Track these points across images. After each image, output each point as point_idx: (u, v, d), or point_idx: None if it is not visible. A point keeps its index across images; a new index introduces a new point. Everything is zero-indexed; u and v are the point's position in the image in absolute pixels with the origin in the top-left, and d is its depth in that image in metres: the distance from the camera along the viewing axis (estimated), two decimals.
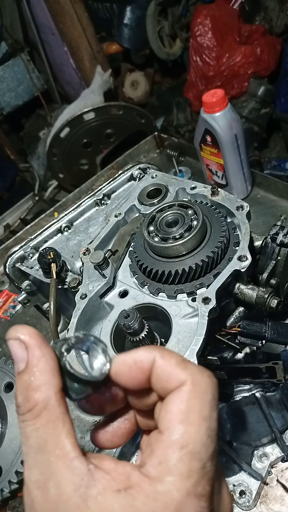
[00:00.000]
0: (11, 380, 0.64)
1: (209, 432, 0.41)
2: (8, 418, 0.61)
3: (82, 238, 1.15)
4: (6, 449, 0.58)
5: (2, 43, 3.60)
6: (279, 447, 1.05)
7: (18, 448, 0.58)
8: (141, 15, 3.44)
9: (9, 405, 0.62)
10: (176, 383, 0.43)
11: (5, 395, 0.63)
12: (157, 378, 0.45)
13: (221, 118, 1.47)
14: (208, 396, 0.43)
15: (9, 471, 0.57)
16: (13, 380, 0.64)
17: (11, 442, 0.59)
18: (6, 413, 0.62)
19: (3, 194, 3.77)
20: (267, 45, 2.94)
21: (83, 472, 0.39)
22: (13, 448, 0.58)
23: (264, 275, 0.98)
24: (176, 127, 3.48)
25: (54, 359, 0.43)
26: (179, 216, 0.97)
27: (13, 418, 0.61)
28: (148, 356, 0.45)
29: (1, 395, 0.63)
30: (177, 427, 0.40)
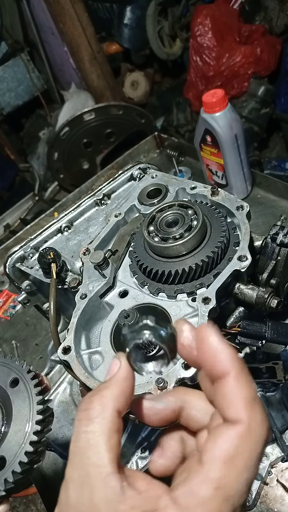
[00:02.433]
0: (17, 376, 0.65)
1: (248, 482, 0.41)
2: (13, 411, 0.63)
3: (82, 238, 1.15)
4: (11, 441, 0.60)
5: (2, 43, 3.60)
6: (279, 447, 1.05)
7: (22, 439, 0.60)
8: (141, 15, 3.44)
9: (14, 399, 0.63)
10: (233, 417, 0.42)
11: (11, 390, 0.65)
12: (221, 395, 0.44)
13: (221, 118, 1.47)
14: (259, 447, 0.42)
15: (13, 462, 0.58)
16: (19, 376, 0.66)
17: (16, 434, 0.60)
18: (12, 407, 0.63)
19: (3, 194, 3.77)
20: (267, 45, 2.94)
21: (116, 488, 0.41)
22: (17, 440, 0.60)
23: (264, 275, 0.98)
24: (176, 127, 3.48)
25: (131, 387, 0.48)
26: (179, 216, 0.97)
27: (17, 411, 0.62)
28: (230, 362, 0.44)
29: (7, 390, 0.65)
30: (220, 466, 0.40)
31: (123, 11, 3.51)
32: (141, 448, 0.95)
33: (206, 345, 0.45)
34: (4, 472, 0.58)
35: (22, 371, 0.66)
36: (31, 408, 0.63)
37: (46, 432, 0.64)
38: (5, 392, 0.65)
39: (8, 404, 0.64)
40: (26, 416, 0.62)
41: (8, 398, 0.64)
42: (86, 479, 0.42)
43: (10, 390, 0.65)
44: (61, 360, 0.88)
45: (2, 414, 0.64)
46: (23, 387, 0.65)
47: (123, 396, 0.47)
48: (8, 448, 0.60)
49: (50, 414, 0.66)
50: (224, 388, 0.43)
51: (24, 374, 0.66)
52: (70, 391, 1.20)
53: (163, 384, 0.75)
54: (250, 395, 0.43)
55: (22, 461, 0.58)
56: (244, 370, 0.45)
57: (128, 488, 0.42)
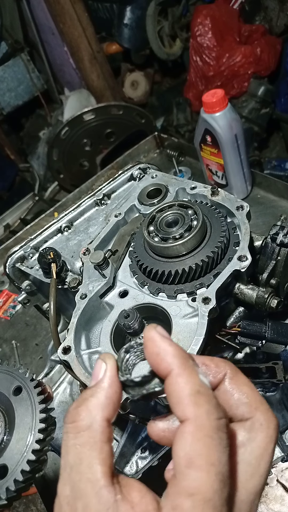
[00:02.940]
0: (20, 384, 0.65)
1: (220, 477, 0.39)
2: (16, 420, 0.62)
3: (82, 238, 1.15)
4: (13, 450, 0.60)
5: (2, 43, 3.60)
6: (279, 447, 1.05)
7: (24, 448, 0.59)
8: (141, 15, 3.44)
9: (17, 407, 0.63)
10: (181, 416, 0.41)
11: (14, 398, 0.65)
12: (169, 396, 0.43)
13: (221, 118, 1.47)
14: (216, 438, 0.40)
15: (15, 471, 0.58)
16: (22, 384, 0.66)
17: (18, 442, 0.60)
18: (14, 415, 0.63)
19: (3, 194, 3.77)
20: (267, 45, 2.94)
21: (109, 502, 0.40)
22: (19, 448, 0.60)
23: (264, 275, 0.98)
24: (176, 127, 3.48)
25: (119, 393, 0.45)
26: (179, 216, 0.97)
27: (20, 419, 0.62)
28: (171, 359, 0.43)
29: (10, 398, 0.65)
30: (185, 472, 0.39)
31: (123, 11, 3.51)
32: (141, 448, 0.95)
33: (151, 346, 0.45)
34: (6, 480, 0.57)
35: (25, 379, 0.66)
36: (33, 416, 0.62)
37: (48, 441, 0.64)
38: (8, 400, 0.65)
39: (11, 412, 0.64)
40: (29, 425, 0.62)
41: (11, 406, 0.64)
42: (78, 494, 0.41)
43: (13, 398, 0.65)
44: (61, 360, 0.87)
45: (4, 422, 0.64)
46: (26, 395, 0.65)
47: (111, 403, 0.45)
48: (10, 456, 0.59)
49: (53, 423, 0.66)
50: (169, 387, 0.43)
51: (27, 382, 0.66)
52: (70, 391, 1.20)
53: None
54: (192, 389, 0.41)
55: (24, 470, 0.58)
56: (187, 364, 0.43)
57: (121, 501, 0.40)
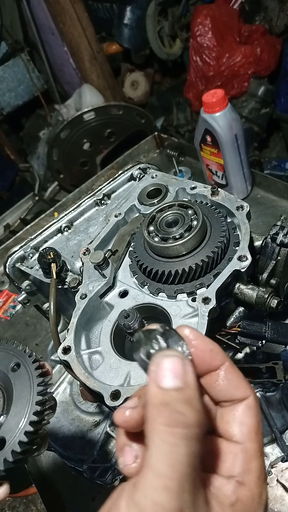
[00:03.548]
0: (19, 361, 0.67)
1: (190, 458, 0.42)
2: (14, 394, 0.64)
3: (82, 238, 1.15)
4: (11, 423, 0.61)
5: (2, 43, 3.60)
6: (279, 447, 1.05)
7: (22, 420, 0.61)
8: (141, 15, 3.44)
9: (15, 382, 0.65)
10: (243, 395, 0.48)
11: (12, 374, 0.67)
12: (227, 382, 0.48)
13: (221, 118, 1.47)
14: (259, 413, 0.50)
15: (13, 442, 0.59)
16: (20, 360, 0.68)
17: (16, 415, 0.61)
18: (13, 390, 0.64)
19: (3, 194, 3.77)
20: (267, 45, 2.94)
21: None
22: (17, 421, 0.61)
23: (264, 275, 0.98)
24: (176, 127, 3.48)
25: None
26: (179, 216, 0.97)
27: (18, 393, 0.64)
28: (223, 356, 0.49)
29: (9, 374, 0.67)
30: (256, 438, 0.47)
31: (123, 11, 3.51)
32: None
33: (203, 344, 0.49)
34: (4, 452, 0.58)
35: (23, 355, 0.68)
36: (31, 389, 0.64)
37: (47, 415, 0.65)
38: (7, 377, 0.66)
39: (10, 387, 0.65)
40: (26, 397, 0.63)
41: (10, 382, 0.65)
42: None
43: (11, 374, 0.66)
44: (61, 360, 0.88)
45: (3, 398, 0.65)
46: (24, 371, 0.66)
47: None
48: (8, 429, 0.61)
49: (51, 397, 0.67)
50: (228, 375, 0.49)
51: (26, 358, 0.67)
52: (70, 391, 1.20)
53: None
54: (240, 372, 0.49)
55: (22, 441, 0.59)
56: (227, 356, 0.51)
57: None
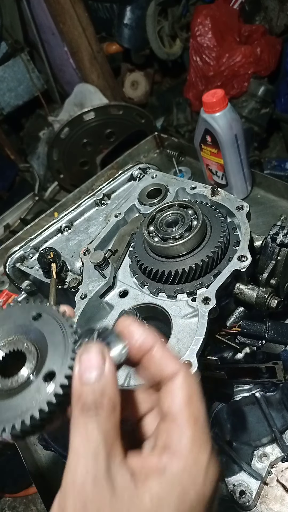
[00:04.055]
0: (38, 311, 0.67)
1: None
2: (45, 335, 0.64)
3: (82, 238, 1.15)
4: (54, 356, 0.62)
5: (2, 43, 3.60)
6: (279, 447, 1.05)
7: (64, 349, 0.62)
8: (141, 15, 3.44)
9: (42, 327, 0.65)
10: (172, 370, 0.51)
11: (36, 322, 0.66)
12: (158, 360, 0.52)
13: (221, 118, 1.47)
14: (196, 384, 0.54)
15: (63, 369, 0.59)
16: (40, 310, 0.67)
17: (56, 349, 0.62)
18: (42, 334, 0.64)
19: (3, 194, 3.77)
20: (267, 45, 2.93)
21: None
22: (59, 352, 0.62)
23: (264, 275, 0.98)
24: (176, 127, 3.48)
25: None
26: (179, 216, 0.97)
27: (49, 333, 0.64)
28: (154, 338, 0.53)
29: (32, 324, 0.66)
30: (188, 407, 0.50)
31: (123, 11, 3.51)
32: None
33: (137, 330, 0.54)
34: (57, 380, 0.59)
35: (41, 307, 0.67)
36: (64, 333, 0.63)
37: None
38: (31, 326, 0.66)
39: (37, 333, 0.65)
40: (59, 332, 0.63)
41: (36, 328, 0.65)
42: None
43: (35, 323, 0.65)
44: None
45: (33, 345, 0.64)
46: (47, 316, 0.66)
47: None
48: (53, 362, 0.61)
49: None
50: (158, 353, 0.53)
51: (45, 308, 0.67)
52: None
53: None
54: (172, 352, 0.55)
55: (70, 366, 0.60)
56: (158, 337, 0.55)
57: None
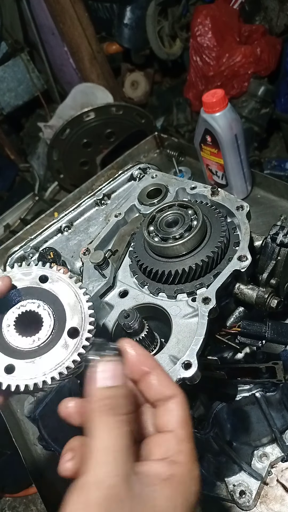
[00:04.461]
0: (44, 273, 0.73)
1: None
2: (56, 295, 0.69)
3: (82, 238, 1.15)
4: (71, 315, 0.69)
5: (2, 43, 3.60)
6: (279, 447, 1.05)
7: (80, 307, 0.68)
8: (141, 15, 3.44)
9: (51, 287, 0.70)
10: (172, 392, 0.57)
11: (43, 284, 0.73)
12: (158, 382, 0.58)
13: (221, 118, 1.47)
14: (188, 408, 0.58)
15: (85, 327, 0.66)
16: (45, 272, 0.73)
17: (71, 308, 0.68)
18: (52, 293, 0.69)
19: (3, 194, 3.77)
20: (267, 45, 2.93)
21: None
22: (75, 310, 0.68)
23: (264, 275, 0.98)
24: (176, 127, 3.48)
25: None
26: (179, 216, 0.97)
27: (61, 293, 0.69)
28: (154, 362, 0.59)
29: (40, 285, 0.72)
30: (186, 426, 0.56)
31: (123, 11, 3.51)
32: None
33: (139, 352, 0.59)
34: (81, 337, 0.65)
35: (43, 269, 0.71)
36: (69, 283, 0.68)
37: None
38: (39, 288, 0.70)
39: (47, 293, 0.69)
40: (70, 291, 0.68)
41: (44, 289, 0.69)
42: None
43: (43, 285, 0.70)
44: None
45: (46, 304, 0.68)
46: (53, 276, 0.70)
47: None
48: (73, 320, 0.66)
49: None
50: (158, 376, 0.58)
51: (47, 271, 0.71)
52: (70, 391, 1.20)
53: None
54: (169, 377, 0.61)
55: (91, 322, 0.66)
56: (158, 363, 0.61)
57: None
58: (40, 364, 0.63)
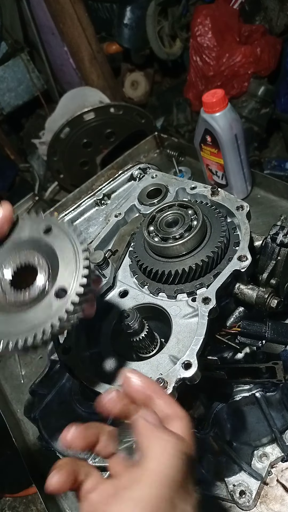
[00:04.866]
0: (49, 223, 0.68)
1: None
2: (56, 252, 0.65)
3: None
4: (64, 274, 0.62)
5: (2, 43, 3.60)
6: (279, 447, 1.05)
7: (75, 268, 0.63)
8: (141, 15, 3.44)
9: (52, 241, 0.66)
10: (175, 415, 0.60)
11: (46, 236, 0.67)
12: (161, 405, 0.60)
13: (221, 118, 1.47)
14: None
15: (74, 287, 0.61)
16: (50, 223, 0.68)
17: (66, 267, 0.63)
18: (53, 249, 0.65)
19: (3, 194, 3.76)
20: (267, 45, 2.93)
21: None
22: (70, 270, 0.63)
23: (264, 275, 0.98)
24: (176, 127, 3.48)
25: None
26: (179, 216, 0.97)
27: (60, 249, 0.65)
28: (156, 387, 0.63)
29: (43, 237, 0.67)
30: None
31: (123, 11, 3.51)
32: None
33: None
34: (69, 298, 0.60)
35: (50, 219, 0.68)
36: (72, 240, 0.64)
37: (93, 268, 0.69)
38: (41, 240, 0.66)
39: (48, 248, 0.65)
40: (71, 249, 0.64)
41: (46, 243, 0.66)
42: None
43: (45, 237, 0.66)
44: (61, 360, 0.88)
45: (45, 260, 0.65)
46: (58, 231, 0.66)
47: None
48: (64, 280, 0.62)
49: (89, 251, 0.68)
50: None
51: (54, 220, 0.67)
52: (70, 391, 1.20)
53: (163, 384, 0.75)
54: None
55: (79, 293, 0.60)
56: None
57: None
58: (18, 321, 0.60)
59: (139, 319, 0.81)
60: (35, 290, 0.62)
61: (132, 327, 0.81)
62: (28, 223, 0.69)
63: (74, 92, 3.49)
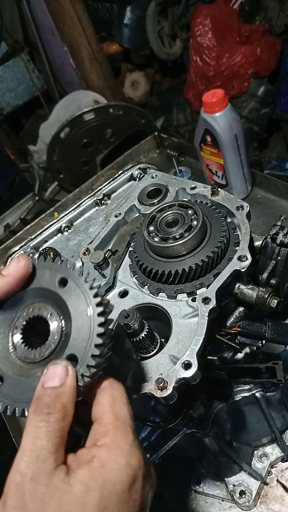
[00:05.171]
0: (64, 276, 0.66)
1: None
2: (70, 310, 0.63)
3: (82, 238, 1.15)
4: (76, 339, 0.61)
5: (2, 43, 3.60)
6: (279, 447, 1.05)
7: (88, 335, 0.61)
8: (141, 15, 3.44)
9: (67, 298, 0.64)
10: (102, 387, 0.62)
11: (61, 290, 0.65)
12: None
13: (221, 118, 1.47)
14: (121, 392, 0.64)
15: (85, 357, 0.59)
16: (66, 275, 0.66)
17: (79, 331, 0.61)
18: (67, 307, 0.63)
19: (3, 194, 3.77)
20: (267, 45, 2.94)
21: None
22: (82, 335, 0.61)
23: (264, 275, 0.98)
24: (176, 127, 3.48)
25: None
26: (179, 216, 0.97)
27: (75, 309, 0.63)
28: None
29: (57, 291, 0.65)
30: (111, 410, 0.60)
31: (123, 11, 3.51)
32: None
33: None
34: (80, 368, 0.59)
35: (67, 270, 0.65)
36: (88, 302, 0.62)
37: (109, 323, 0.64)
38: (56, 294, 0.64)
39: (63, 304, 0.63)
40: (85, 312, 0.61)
41: (61, 298, 0.64)
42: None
43: (60, 291, 0.64)
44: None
45: (58, 316, 0.63)
46: (73, 285, 0.64)
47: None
48: (75, 345, 0.60)
49: (109, 304, 0.65)
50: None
51: (71, 273, 0.65)
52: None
53: (163, 384, 0.75)
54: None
55: (94, 354, 0.59)
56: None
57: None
58: (26, 388, 0.59)
59: (139, 319, 0.81)
60: (46, 351, 0.62)
61: (132, 327, 0.81)
62: (45, 273, 0.67)
63: (66, 100, 3.49)
